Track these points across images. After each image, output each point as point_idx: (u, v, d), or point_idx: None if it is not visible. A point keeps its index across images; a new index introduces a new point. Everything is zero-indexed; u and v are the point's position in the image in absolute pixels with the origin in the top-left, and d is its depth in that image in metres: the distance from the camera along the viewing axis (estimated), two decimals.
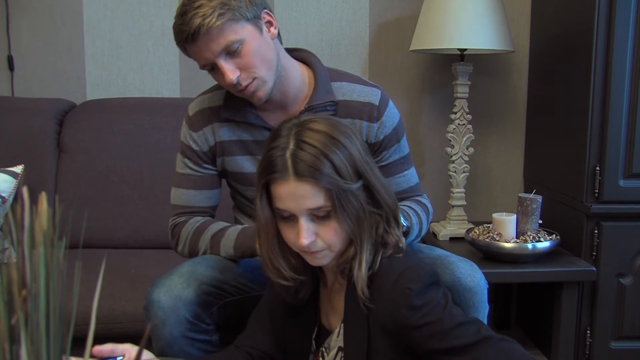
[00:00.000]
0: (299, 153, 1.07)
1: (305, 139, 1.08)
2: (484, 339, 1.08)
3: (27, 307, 0.52)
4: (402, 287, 1.10)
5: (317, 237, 1.12)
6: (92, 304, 0.58)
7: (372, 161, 1.16)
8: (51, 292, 0.53)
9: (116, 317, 1.77)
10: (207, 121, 1.56)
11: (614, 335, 2.26)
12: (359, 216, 1.11)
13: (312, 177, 1.06)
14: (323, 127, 1.11)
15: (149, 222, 2.29)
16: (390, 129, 1.55)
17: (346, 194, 1.08)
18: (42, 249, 0.53)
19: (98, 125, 2.40)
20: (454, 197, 2.49)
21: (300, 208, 1.09)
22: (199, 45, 1.37)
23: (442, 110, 2.68)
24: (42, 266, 0.53)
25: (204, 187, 1.60)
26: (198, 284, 1.41)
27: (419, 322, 1.08)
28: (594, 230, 2.20)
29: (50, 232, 0.54)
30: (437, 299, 1.11)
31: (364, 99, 1.53)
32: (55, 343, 0.53)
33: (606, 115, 2.12)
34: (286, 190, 1.09)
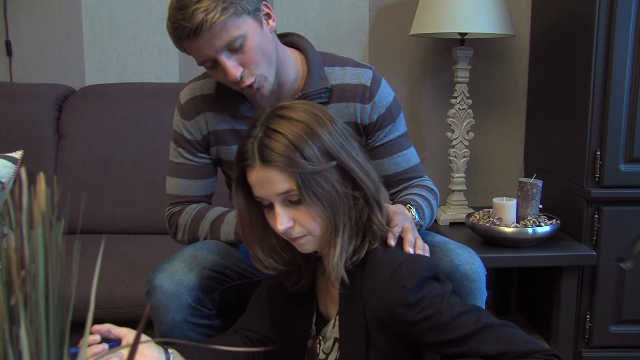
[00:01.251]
0: (264, 140, 1.07)
1: (272, 126, 1.08)
2: (483, 327, 1.07)
3: (26, 288, 0.52)
4: (396, 284, 1.08)
5: (295, 223, 1.11)
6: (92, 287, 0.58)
7: (350, 142, 1.13)
8: (50, 273, 0.53)
9: (116, 302, 1.77)
10: (199, 110, 1.54)
11: (614, 319, 2.26)
12: (331, 198, 1.09)
13: (274, 162, 1.06)
14: (292, 113, 1.10)
15: (149, 208, 2.29)
16: (384, 109, 1.54)
17: (313, 176, 1.07)
18: (41, 229, 0.52)
19: (97, 110, 2.40)
20: (454, 182, 2.48)
21: (271, 194, 1.09)
22: (200, 42, 1.32)
23: (442, 95, 2.67)
24: (41, 247, 0.52)
25: (199, 177, 1.59)
26: (200, 269, 1.40)
27: (417, 317, 1.07)
28: (594, 215, 2.20)
29: (49, 213, 0.53)
30: (434, 293, 1.09)
31: (356, 81, 1.52)
32: (54, 324, 0.53)
33: (607, 100, 2.11)
34: (255, 177, 1.09)
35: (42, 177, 0.55)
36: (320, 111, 1.13)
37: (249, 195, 1.15)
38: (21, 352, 0.51)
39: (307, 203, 1.08)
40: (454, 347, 1.07)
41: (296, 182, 1.06)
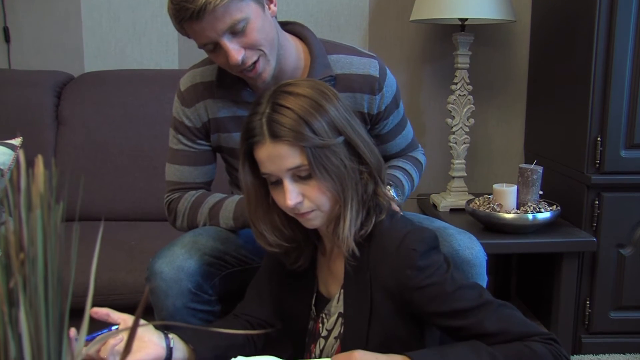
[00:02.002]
0: (273, 116, 1.07)
1: (280, 101, 1.09)
2: (485, 303, 1.08)
3: (25, 271, 0.52)
4: (407, 247, 1.10)
5: (304, 198, 1.11)
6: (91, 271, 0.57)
7: (355, 119, 1.15)
8: (49, 255, 0.53)
9: (116, 289, 1.77)
10: (199, 97, 1.53)
11: (614, 305, 2.27)
12: (340, 173, 1.10)
13: (285, 137, 1.06)
14: (298, 89, 1.10)
15: (149, 194, 2.29)
16: (390, 98, 1.55)
17: (323, 151, 1.08)
18: (39, 212, 0.52)
19: (96, 97, 2.39)
20: (454, 168, 2.48)
21: (280, 169, 1.09)
22: (202, 25, 1.30)
23: (442, 81, 2.66)
24: (40, 229, 0.52)
25: (199, 163, 1.58)
26: (200, 255, 1.40)
27: (422, 283, 1.09)
28: (595, 201, 2.20)
29: (48, 196, 0.53)
30: (440, 262, 1.11)
31: (363, 71, 1.51)
32: (54, 306, 0.53)
33: (608, 85, 2.11)
34: (265, 153, 1.09)
35: (40, 159, 0.55)
36: (324, 87, 1.13)
37: (256, 171, 1.15)
38: (21, 334, 0.51)
39: (317, 177, 1.09)
40: (454, 320, 1.08)
41: (307, 156, 1.07)
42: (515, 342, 1.06)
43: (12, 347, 0.51)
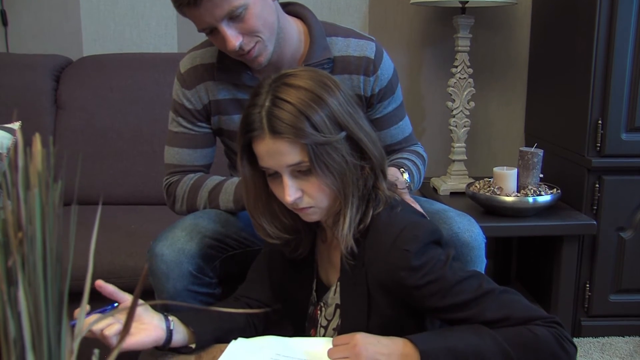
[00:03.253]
0: (273, 110, 1.05)
1: (281, 95, 1.06)
2: (485, 293, 1.08)
3: (24, 250, 0.51)
4: (399, 248, 1.08)
5: (303, 194, 1.10)
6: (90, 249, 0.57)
7: (358, 112, 1.13)
8: (47, 234, 0.52)
9: (117, 272, 1.77)
10: (200, 79, 1.52)
11: (613, 288, 2.27)
12: (341, 169, 1.08)
13: (286, 134, 1.04)
14: (299, 81, 1.08)
15: (149, 179, 2.28)
16: (385, 82, 1.54)
17: (324, 147, 1.06)
18: (37, 190, 0.51)
19: (95, 81, 2.38)
20: (454, 151, 2.47)
21: (280, 165, 1.08)
22: (200, 11, 1.30)
23: (442, 64, 2.65)
24: (38, 208, 0.52)
25: (198, 146, 1.58)
26: (201, 237, 1.40)
27: (419, 282, 1.07)
28: (595, 184, 2.20)
29: (45, 174, 0.53)
30: (437, 258, 1.09)
31: (360, 53, 1.51)
32: (53, 285, 0.52)
33: (609, 68, 2.10)
34: (264, 148, 1.07)
35: (38, 137, 0.54)
36: (326, 78, 1.11)
37: (254, 164, 1.14)
38: (20, 313, 0.51)
39: (317, 174, 1.07)
40: (455, 313, 1.08)
41: (307, 153, 1.05)
42: (518, 326, 1.06)
43: (12, 326, 0.51)
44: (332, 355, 1.06)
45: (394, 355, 1.03)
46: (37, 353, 0.52)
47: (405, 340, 1.04)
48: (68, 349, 0.55)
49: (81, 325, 0.57)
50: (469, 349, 1.02)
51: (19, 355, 0.51)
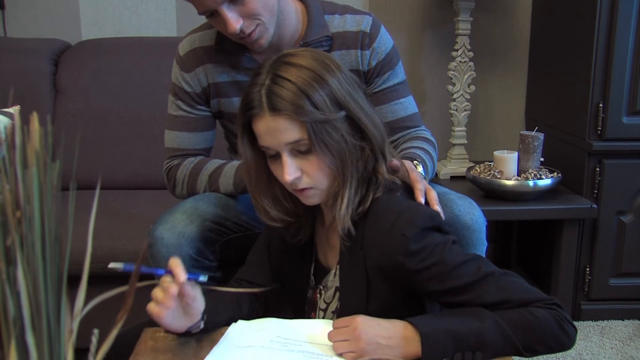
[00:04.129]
0: (273, 88, 1.05)
1: (281, 73, 1.05)
2: (484, 276, 1.07)
3: (22, 229, 0.51)
4: (397, 233, 1.08)
5: (302, 174, 1.09)
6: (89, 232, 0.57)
7: (358, 93, 1.12)
8: (46, 213, 0.52)
9: (117, 256, 1.77)
10: (199, 62, 1.52)
11: (613, 272, 2.27)
12: (341, 149, 1.07)
13: (285, 111, 1.04)
14: (300, 60, 1.07)
15: (148, 163, 2.28)
16: (383, 55, 1.52)
17: (324, 126, 1.05)
18: (35, 169, 0.51)
19: (94, 65, 2.37)
20: (454, 135, 2.47)
21: (279, 143, 1.07)
22: None
23: (443, 48, 2.63)
24: (36, 187, 0.51)
25: (198, 129, 1.57)
26: (201, 221, 1.40)
27: (418, 266, 1.07)
28: (596, 168, 2.19)
29: (43, 153, 0.52)
30: (435, 242, 1.09)
31: (356, 28, 1.50)
32: (52, 264, 0.52)
33: (611, 51, 2.09)
34: (263, 126, 1.07)
35: (36, 116, 0.54)
36: (326, 58, 1.10)
37: (255, 144, 1.13)
38: (19, 293, 0.51)
39: (317, 153, 1.07)
40: (455, 296, 1.08)
41: (307, 131, 1.04)
42: (518, 309, 1.06)
43: (11, 305, 0.51)
44: (332, 337, 1.06)
45: (394, 338, 1.03)
46: (37, 332, 0.52)
47: (406, 323, 1.04)
48: (68, 328, 0.54)
49: (80, 306, 0.57)
50: (469, 331, 1.02)
51: (18, 335, 0.51)
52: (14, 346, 0.51)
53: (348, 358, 1.02)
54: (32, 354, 0.52)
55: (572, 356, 2.03)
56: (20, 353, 0.51)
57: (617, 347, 2.10)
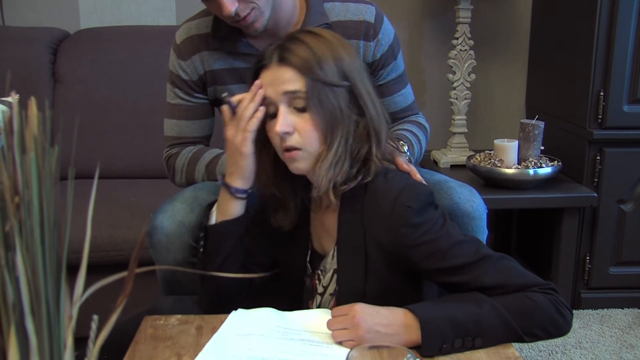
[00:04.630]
0: (286, 44, 1.11)
1: (298, 36, 1.13)
2: (482, 257, 1.08)
3: (21, 214, 0.51)
4: (401, 205, 1.09)
5: (294, 131, 1.11)
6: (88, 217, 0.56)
7: (367, 79, 1.16)
8: (44, 199, 0.52)
9: (117, 245, 1.77)
10: (195, 49, 1.51)
11: (613, 261, 2.28)
12: (334, 113, 1.10)
13: (292, 63, 1.09)
14: (322, 32, 1.14)
15: (148, 152, 2.27)
16: (386, 46, 1.52)
17: (324, 87, 1.09)
18: (34, 154, 0.51)
19: (93, 54, 2.36)
20: (455, 124, 2.46)
21: (277, 92, 1.10)
22: None
23: (443, 36, 2.62)
24: (34, 172, 0.51)
25: (196, 117, 1.57)
26: (201, 209, 1.39)
27: (418, 240, 1.08)
28: (596, 157, 2.19)
29: (42, 138, 0.52)
30: (436, 218, 1.10)
31: (359, 17, 1.49)
32: (51, 250, 0.52)
33: (612, 39, 2.08)
34: (268, 76, 1.12)
35: (34, 101, 0.53)
36: (346, 42, 1.17)
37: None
38: (18, 278, 0.50)
39: (310, 110, 1.09)
40: (452, 276, 1.08)
41: (306, 85, 1.08)
42: (516, 293, 1.06)
43: (10, 291, 0.51)
44: (331, 326, 1.07)
45: (393, 325, 1.03)
46: (36, 318, 0.52)
47: (405, 311, 1.04)
48: (67, 314, 0.54)
49: (80, 291, 0.56)
50: (469, 317, 1.02)
51: (18, 320, 0.51)
52: (13, 332, 0.51)
53: (347, 346, 1.03)
54: (31, 340, 0.52)
55: (572, 344, 2.04)
56: (20, 339, 0.51)
57: (616, 336, 2.10)
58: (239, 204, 1.21)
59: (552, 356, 1.98)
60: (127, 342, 1.09)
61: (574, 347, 2.02)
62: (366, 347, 0.94)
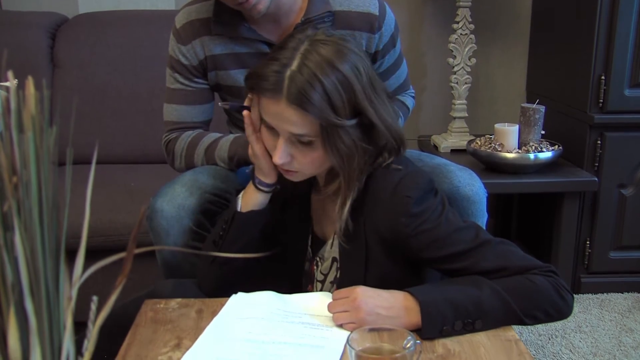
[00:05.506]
0: (299, 79, 1.02)
1: (309, 63, 1.03)
2: (482, 243, 1.08)
3: (19, 195, 0.50)
4: (400, 194, 1.09)
5: (293, 160, 1.10)
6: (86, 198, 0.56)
7: (379, 93, 1.10)
8: (43, 179, 0.51)
9: (117, 229, 1.77)
10: (196, 34, 1.50)
11: (613, 245, 2.28)
12: (350, 153, 1.08)
13: (302, 107, 1.02)
14: (332, 56, 1.04)
15: (147, 137, 2.27)
16: (388, 37, 1.52)
17: (337, 130, 1.05)
18: (31, 134, 0.50)
19: (92, 39, 2.35)
20: (455, 108, 2.45)
21: (284, 129, 1.07)
22: None
23: (443, 20, 2.61)
24: (32, 152, 0.51)
25: (196, 102, 1.56)
26: (201, 193, 1.39)
27: (417, 229, 1.08)
28: (597, 141, 2.19)
29: (40, 118, 0.51)
30: (435, 206, 1.10)
31: (363, 9, 1.48)
32: (50, 231, 0.52)
33: (613, 23, 2.06)
34: (274, 109, 1.06)
35: (31, 80, 0.53)
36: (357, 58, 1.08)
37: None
38: (17, 258, 0.50)
39: (324, 152, 1.07)
40: (452, 263, 1.08)
41: (320, 132, 1.05)
42: (516, 276, 1.06)
43: (9, 271, 0.50)
44: (332, 309, 1.07)
45: (394, 308, 1.03)
46: (36, 299, 0.51)
47: (406, 293, 1.05)
48: (67, 295, 0.54)
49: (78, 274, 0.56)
50: (469, 300, 1.03)
51: (17, 301, 0.51)
52: (13, 312, 0.51)
53: (348, 329, 1.03)
54: (31, 321, 0.51)
55: (572, 328, 2.04)
56: (20, 319, 0.51)
57: (616, 320, 2.11)
58: (262, 196, 1.21)
59: (551, 340, 1.98)
60: (128, 326, 1.10)
61: (574, 331, 2.03)
62: (366, 330, 0.94)
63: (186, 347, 1.02)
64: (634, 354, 1.90)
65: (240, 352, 1.00)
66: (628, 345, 1.95)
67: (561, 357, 1.89)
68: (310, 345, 1.02)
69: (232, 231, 1.21)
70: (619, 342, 1.97)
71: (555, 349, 1.94)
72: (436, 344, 1.02)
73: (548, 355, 1.91)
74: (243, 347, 1.01)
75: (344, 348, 0.99)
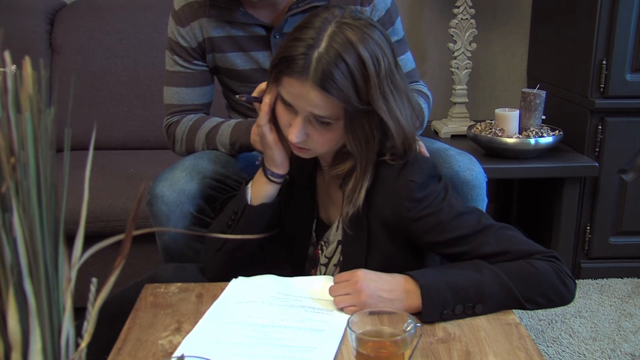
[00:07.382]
0: (328, 62, 1.01)
1: (335, 44, 1.02)
2: (484, 228, 1.08)
3: (17, 176, 0.50)
4: (404, 179, 1.09)
5: (308, 138, 1.09)
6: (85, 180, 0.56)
7: (397, 91, 1.09)
8: (41, 160, 0.51)
9: (117, 215, 1.77)
10: (194, 16, 1.50)
11: (614, 230, 2.28)
12: (369, 139, 1.08)
13: (331, 93, 1.02)
14: (360, 43, 1.03)
15: (147, 122, 2.26)
16: (383, 12, 1.50)
17: (360, 115, 1.05)
18: (29, 114, 0.50)
19: (91, 24, 2.34)
20: (455, 94, 2.44)
21: (304, 109, 1.05)
22: None
23: (444, 5, 2.59)
24: (30, 133, 0.50)
25: (196, 84, 1.56)
26: (201, 178, 1.39)
27: (420, 214, 1.08)
28: (598, 126, 2.18)
29: (37, 98, 0.51)
30: (438, 191, 1.10)
31: None
32: (48, 212, 0.51)
33: (615, 7, 2.05)
34: (299, 90, 1.04)
35: (28, 60, 0.52)
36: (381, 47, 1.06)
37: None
38: (15, 239, 0.50)
39: (347, 137, 1.08)
40: (454, 247, 1.08)
41: (343, 116, 1.05)
42: (517, 260, 1.06)
43: (8, 253, 0.50)
44: (333, 292, 1.07)
45: (395, 291, 1.04)
46: (35, 280, 0.51)
47: (406, 277, 1.05)
48: (65, 276, 0.54)
49: (77, 258, 0.56)
50: (469, 283, 1.03)
51: (16, 282, 0.50)
52: (12, 294, 0.50)
53: (349, 312, 1.03)
54: (30, 302, 0.51)
55: (572, 313, 2.05)
56: (19, 301, 0.51)
57: (616, 305, 2.11)
58: (273, 187, 1.20)
59: (551, 325, 1.99)
60: (128, 310, 1.10)
61: (574, 316, 2.03)
62: (367, 313, 0.94)
63: (186, 331, 1.02)
64: (633, 339, 1.91)
65: (240, 336, 1.00)
66: (627, 330, 1.95)
67: (561, 342, 1.90)
68: (310, 328, 1.02)
69: (241, 223, 1.19)
70: (619, 327, 1.97)
71: (555, 334, 1.94)
72: (436, 328, 1.02)
73: (548, 340, 1.91)
74: (243, 330, 1.02)
75: (345, 331, 1.00)
